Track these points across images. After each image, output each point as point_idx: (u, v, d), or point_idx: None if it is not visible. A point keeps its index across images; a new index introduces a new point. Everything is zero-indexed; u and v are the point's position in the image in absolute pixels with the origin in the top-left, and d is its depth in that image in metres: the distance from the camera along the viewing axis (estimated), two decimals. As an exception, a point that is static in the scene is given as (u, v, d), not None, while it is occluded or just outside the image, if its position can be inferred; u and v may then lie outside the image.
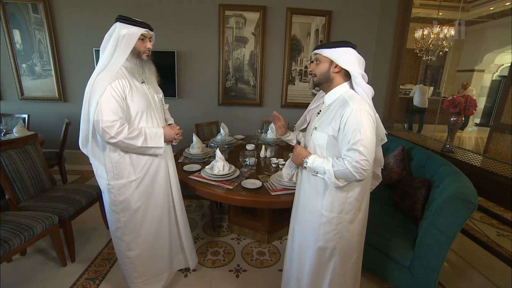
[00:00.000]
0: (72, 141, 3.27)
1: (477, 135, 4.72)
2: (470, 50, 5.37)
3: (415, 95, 5.17)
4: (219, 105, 3.63)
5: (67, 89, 3.52)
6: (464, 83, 5.30)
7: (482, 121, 4.88)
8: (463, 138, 4.91)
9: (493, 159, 2.08)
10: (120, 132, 1.22)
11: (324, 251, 1.14)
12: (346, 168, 0.96)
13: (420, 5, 4.62)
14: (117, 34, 1.24)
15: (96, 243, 2.09)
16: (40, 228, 1.57)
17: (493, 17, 4.57)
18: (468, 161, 2.09)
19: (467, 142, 4.80)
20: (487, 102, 5.12)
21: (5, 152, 1.80)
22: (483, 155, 2.14)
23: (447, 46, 4.34)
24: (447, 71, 5.51)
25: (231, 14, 3.32)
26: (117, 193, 1.35)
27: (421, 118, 5.12)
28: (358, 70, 1.02)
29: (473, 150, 2.21)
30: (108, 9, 3.24)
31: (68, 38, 3.35)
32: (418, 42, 4.41)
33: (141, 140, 1.28)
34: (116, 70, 1.24)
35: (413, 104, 5.13)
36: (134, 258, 1.47)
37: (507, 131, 2.83)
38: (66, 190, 2.02)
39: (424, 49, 4.50)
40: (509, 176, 1.76)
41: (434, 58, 4.68)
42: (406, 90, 5.77)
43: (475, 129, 4.93)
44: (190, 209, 2.68)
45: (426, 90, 5.26)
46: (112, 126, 1.20)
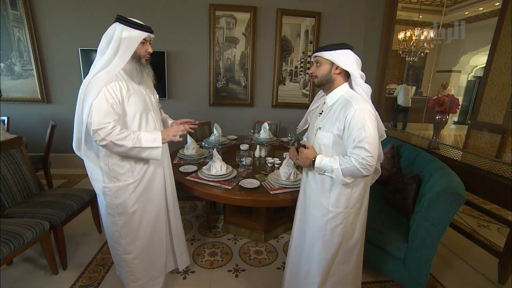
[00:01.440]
0: (57, 144, 3.15)
1: (456, 132, 4.98)
2: (448, 52, 5.65)
3: (399, 94, 5.38)
4: (210, 106, 3.61)
5: (50, 90, 3.37)
6: (443, 83, 5.57)
7: (460, 119, 5.16)
8: (444, 136, 5.17)
9: (474, 154, 2.21)
10: (109, 134, 1.17)
11: (331, 245, 1.18)
12: (353, 165, 1.00)
13: (402, 8, 4.82)
14: (118, 36, 1.19)
15: (89, 249, 2.02)
16: (31, 236, 1.50)
17: (468, 21, 4.82)
18: (452, 156, 2.21)
19: (447, 140, 5.05)
20: (463, 101, 5.41)
21: (-11, 156, 1.70)
22: (464, 150, 2.27)
23: (427, 47, 4.54)
24: (428, 72, 5.77)
25: (221, 14, 3.31)
26: (113, 196, 1.32)
27: (405, 116, 5.34)
28: (357, 70, 1.07)
29: (455, 146, 2.34)
30: (95, 7, 3.14)
31: (51, 37, 3.20)
32: (401, 43, 4.60)
33: (133, 140, 1.20)
34: (115, 73, 1.21)
35: (397, 103, 5.34)
36: (131, 261, 1.44)
37: (484, 128, 3.02)
38: (55, 194, 1.94)
39: (407, 51, 4.70)
40: (487, 169, 1.87)
41: (416, 59, 4.89)
42: (391, 89, 5.99)
43: (453, 127, 5.21)
44: (184, 210, 2.65)
45: (409, 90, 5.49)
46: (103, 128, 1.16)
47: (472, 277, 1.90)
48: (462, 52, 5.15)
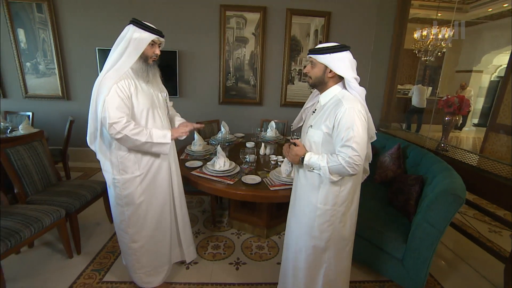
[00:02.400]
0: (75, 139, 3.35)
1: (475, 135, 4.76)
2: (468, 51, 5.41)
3: (414, 95, 5.23)
4: (220, 104, 3.69)
5: (70, 88, 3.58)
6: (462, 83, 5.35)
7: (480, 121, 4.94)
8: (461, 138, 4.97)
9: (484, 156, 2.15)
10: (125, 127, 1.28)
11: (320, 242, 1.20)
12: (339, 164, 1.03)
13: (419, 5, 4.67)
14: (129, 36, 1.29)
15: (100, 237, 2.16)
16: (49, 221, 1.64)
17: (491, 18, 4.61)
18: (461, 159, 2.16)
19: (464, 142, 4.85)
20: (485, 103, 5.17)
21: (14, 148, 1.86)
22: (472, 152, 2.19)
23: (445, 47, 4.38)
24: (446, 72, 5.55)
25: (231, 14, 3.38)
26: (121, 187, 1.41)
27: (420, 118, 5.18)
28: (351, 74, 1.08)
29: (468, 149, 2.26)
30: (112, 9, 3.30)
31: (71, 38, 3.40)
32: (417, 42, 4.46)
33: (146, 135, 1.32)
34: (123, 72, 1.31)
35: (411, 104, 5.19)
36: (137, 249, 1.53)
37: (501, 131, 2.90)
38: (71, 185, 2.08)
39: (423, 50, 4.55)
40: (503, 175, 1.82)
41: (432, 59, 4.73)
42: (405, 90, 5.82)
43: (473, 129, 4.98)
44: (191, 205, 2.74)
45: (424, 91, 5.32)
46: (119, 121, 1.27)
47: (477, 282, 1.86)
48: (484, 51, 4.92)
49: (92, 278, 1.73)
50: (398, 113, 5.67)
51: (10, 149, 1.84)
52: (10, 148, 1.84)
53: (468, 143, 4.68)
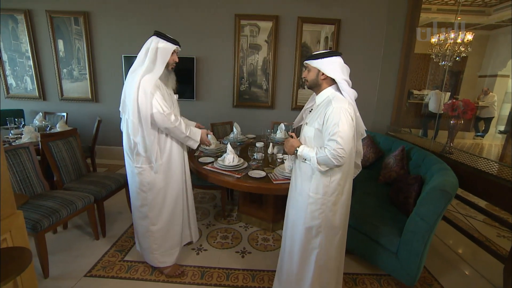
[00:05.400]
0: (101, 137, 3.70)
1: (500, 142, 4.57)
2: (492, 55, 5.25)
3: (431, 100, 5.14)
4: (234, 107, 3.91)
5: (98, 91, 3.97)
6: (485, 88, 5.20)
7: (507, 128, 4.74)
8: (483, 145, 4.80)
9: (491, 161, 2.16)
10: (176, 121, 1.59)
11: (311, 229, 1.34)
12: (326, 155, 1.17)
13: (437, 10, 4.64)
14: (155, 45, 1.53)
15: (122, 224, 2.41)
16: (81, 204, 1.90)
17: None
18: (463, 161, 2.19)
19: (485, 150, 4.69)
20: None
21: (54, 142, 2.17)
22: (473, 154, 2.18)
23: (464, 51, 4.31)
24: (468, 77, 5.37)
25: (246, 23, 3.61)
26: (146, 175, 1.64)
27: (437, 124, 5.08)
28: (341, 76, 1.23)
29: (468, 151, 2.25)
30: (136, 19, 3.65)
31: (101, 46, 3.79)
32: (434, 47, 4.42)
33: (188, 130, 1.66)
34: (158, 75, 1.54)
35: (428, 110, 5.11)
36: (155, 232, 1.74)
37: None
38: (99, 176, 2.36)
39: (440, 55, 4.51)
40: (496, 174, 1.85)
41: (450, 64, 4.67)
42: (423, 95, 5.72)
43: (498, 136, 4.79)
44: (204, 200, 2.95)
45: (441, 96, 5.22)
46: (170, 114, 1.56)
47: (476, 281, 1.89)
48: (510, 55, 4.76)
49: (115, 257, 1.97)
50: (411, 118, 5.57)
51: (52, 143, 2.14)
52: (52, 142, 2.14)
53: (490, 151, 4.49)
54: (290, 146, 1.33)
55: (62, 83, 3.92)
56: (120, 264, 1.90)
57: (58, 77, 3.88)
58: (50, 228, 1.73)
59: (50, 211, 1.72)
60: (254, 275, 1.85)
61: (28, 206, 1.73)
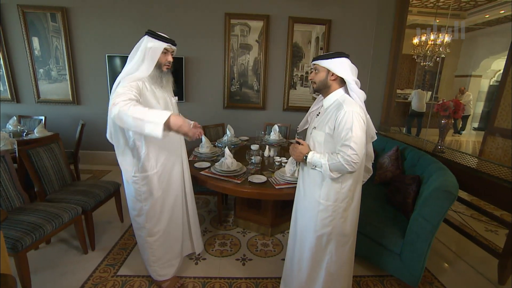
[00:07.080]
0: (84, 142, 3.48)
1: (475, 139, 4.84)
2: (466, 56, 5.52)
3: (413, 99, 5.33)
4: (224, 108, 3.82)
5: (80, 93, 3.73)
6: (461, 88, 5.45)
7: (480, 125, 5.02)
8: (461, 142, 5.04)
9: (478, 158, 2.25)
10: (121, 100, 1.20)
11: (322, 236, 1.30)
12: (339, 162, 1.13)
13: (418, 12, 4.81)
14: (144, 46, 1.41)
15: (113, 235, 2.26)
16: (67, 217, 1.75)
17: (489, 24, 4.74)
18: (454, 159, 2.26)
19: (464, 145, 4.92)
20: (485, 107, 5.26)
21: (34, 149, 1.98)
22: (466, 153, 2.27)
23: (443, 52, 4.50)
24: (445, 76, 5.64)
25: (236, 22, 3.53)
26: (141, 184, 1.52)
27: (419, 122, 5.28)
28: (352, 77, 1.20)
29: (463, 151, 2.36)
30: (121, 17, 3.45)
31: (82, 45, 3.56)
32: (416, 48, 4.59)
33: (140, 111, 1.17)
34: (142, 76, 1.41)
35: (411, 109, 5.30)
36: (153, 243, 1.63)
37: (497, 134, 3.00)
38: (86, 185, 2.20)
39: (422, 55, 4.68)
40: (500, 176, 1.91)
41: (431, 64, 4.85)
42: (405, 94, 5.93)
43: (473, 133, 5.07)
44: (198, 205, 2.84)
45: (424, 95, 5.43)
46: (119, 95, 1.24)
47: (472, 277, 1.95)
48: (482, 56, 5.04)
49: (107, 272, 1.83)
50: (398, 117, 5.77)
51: (31, 150, 1.96)
52: (31, 149, 1.96)
53: (468, 146, 4.74)
54: (298, 153, 1.28)
55: (38, 84, 3.64)
56: (114, 280, 1.76)
57: (33, 78, 3.60)
58: (33, 246, 1.57)
59: (32, 226, 1.56)
60: (257, 283, 1.79)
61: (7, 223, 1.56)
